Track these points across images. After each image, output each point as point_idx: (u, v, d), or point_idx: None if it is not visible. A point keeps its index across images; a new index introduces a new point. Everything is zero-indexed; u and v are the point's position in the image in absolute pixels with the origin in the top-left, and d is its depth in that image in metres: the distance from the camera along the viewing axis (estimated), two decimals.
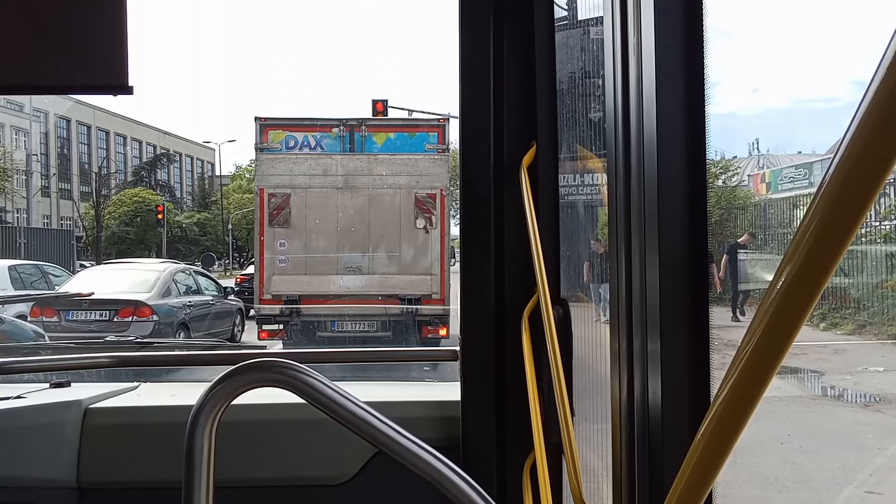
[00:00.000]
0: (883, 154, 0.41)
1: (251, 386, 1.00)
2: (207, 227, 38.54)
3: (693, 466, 0.55)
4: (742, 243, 7.42)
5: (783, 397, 5.39)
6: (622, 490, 1.21)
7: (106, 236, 34.19)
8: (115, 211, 35.00)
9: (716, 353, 1.09)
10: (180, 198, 44.90)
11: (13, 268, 12.80)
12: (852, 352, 6.06)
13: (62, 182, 38.47)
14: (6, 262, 13.17)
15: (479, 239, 1.89)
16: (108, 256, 29.39)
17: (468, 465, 1.83)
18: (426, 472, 0.97)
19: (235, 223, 37.51)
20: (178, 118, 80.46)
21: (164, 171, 44.16)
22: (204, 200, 43.59)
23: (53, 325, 9.70)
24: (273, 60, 69.11)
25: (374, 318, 10.16)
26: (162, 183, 43.07)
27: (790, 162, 9.05)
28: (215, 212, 39.80)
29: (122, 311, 10.05)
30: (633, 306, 1.17)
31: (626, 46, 1.18)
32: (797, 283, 0.46)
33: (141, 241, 34.20)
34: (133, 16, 1.45)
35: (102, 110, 38.94)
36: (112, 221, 34.63)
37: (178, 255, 30.16)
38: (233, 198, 40.73)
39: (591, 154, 1.86)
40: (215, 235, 37.53)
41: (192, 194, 46.20)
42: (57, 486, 1.96)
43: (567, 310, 1.74)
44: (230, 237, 36.17)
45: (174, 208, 39.52)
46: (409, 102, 49.57)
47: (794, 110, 14.92)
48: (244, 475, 1.94)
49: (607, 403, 1.30)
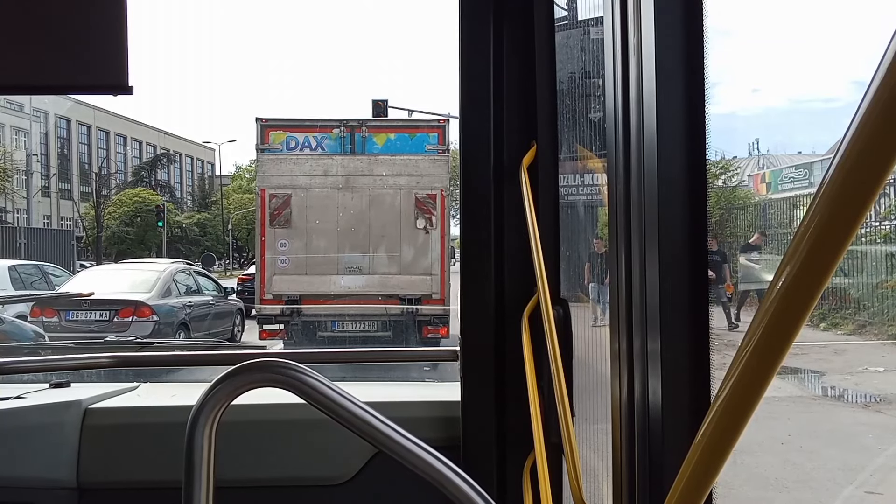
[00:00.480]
0: (883, 154, 0.41)
1: (251, 386, 1.00)
2: (208, 227, 38.32)
3: (693, 466, 0.55)
4: (753, 244, 7.39)
5: (783, 397, 5.40)
6: (622, 490, 1.21)
7: (106, 236, 34.04)
8: (116, 211, 34.82)
9: (716, 353, 1.09)
10: (180, 198, 44.68)
11: (13, 268, 12.82)
12: (852, 352, 6.06)
13: (62, 182, 38.27)
14: (6, 263, 13.12)
15: (479, 239, 1.89)
16: (108, 257, 29.28)
17: (468, 465, 1.83)
18: (426, 473, 0.97)
19: (236, 223, 37.28)
20: (178, 118, 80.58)
21: (164, 172, 43.95)
22: (204, 200, 43.37)
23: (53, 326, 9.65)
24: (273, 60, 69.14)
25: (375, 318, 10.12)
26: (162, 183, 42.88)
27: (790, 162, 9.05)
28: (215, 212, 39.64)
29: (122, 312, 10.04)
30: (633, 306, 1.17)
31: (626, 46, 1.18)
32: (797, 283, 0.46)
33: (141, 241, 33.97)
34: (133, 16, 1.45)
35: (102, 110, 38.86)
36: (112, 221, 34.47)
37: (178, 256, 30.06)
38: (233, 198, 40.49)
39: (591, 154, 1.86)
40: (215, 236, 37.37)
41: (192, 194, 46.00)
42: (57, 487, 1.96)
43: (567, 310, 1.74)
44: (230, 237, 36.04)
45: (174, 208, 39.32)
46: (410, 102, 49.53)
47: (794, 110, 14.92)
48: (244, 475, 1.94)
49: (607, 403, 1.30)
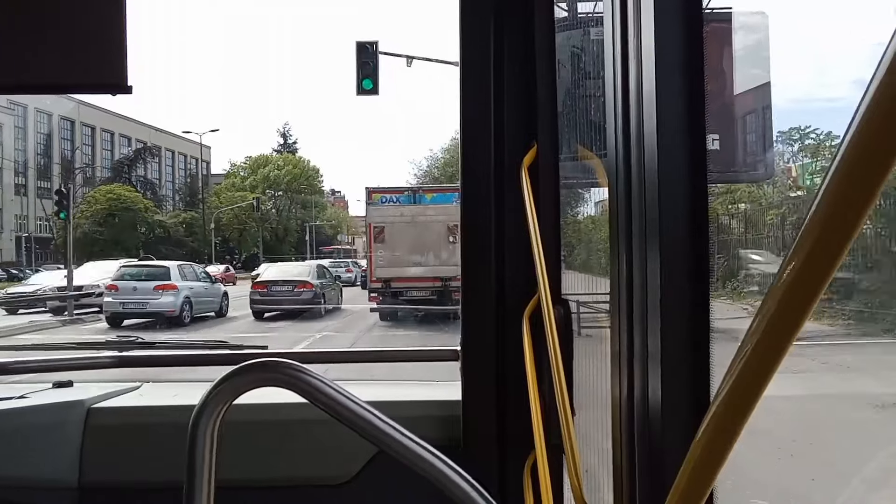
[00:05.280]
0: (883, 154, 0.41)
1: (253, 386, 1.00)
2: (195, 226, 36.60)
3: (694, 465, 0.56)
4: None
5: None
6: (623, 489, 1.21)
7: (76, 237, 30.96)
8: (88, 210, 32.64)
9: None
10: (164, 195, 42.44)
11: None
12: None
13: (41, 180, 36.26)
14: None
15: (479, 239, 1.89)
16: (79, 260, 26.88)
17: (469, 464, 1.82)
18: (427, 472, 0.97)
19: (227, 222, 36.02)
20: (156, 110, 76.35)
21: (145, 167, 41.48)
22: (192, 199, 41.50)
23: (263, 293, 18.52)
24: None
25: (427, 289, 18.24)
26: (143, 179, 40.66)
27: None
28: (211, 210, 38.14)
29: (298, 285, 18.79)
30: (633, 306, 1.17)
31: (626, 46, 1.18)
32: (799, 282, 0.46)
33: (116, 242, 31.67)
34: (132, 16, 1.46)
35: (88, 105, 36.99)
36: (83, 221, 32.07)
37: (159, 257, 28.46)
38: (224, 196, 38.91)
39: (592, 154, 1.86)
40: (203, 237, 35.75)
41: (178, 192, 43.99)
42: (59, 487, 1.96)
43: (568, 309, 1.74)
44: (213, 237, 34.32)
45: (154, 206, 37.01)
46: (409, 47, 48.44)
47: (794, 110, 14.87)
48: (246, 475, 1.94)
49: (607, 403, 1.30)
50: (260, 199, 40.74)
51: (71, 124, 38.66)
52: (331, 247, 47.07)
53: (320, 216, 48.89)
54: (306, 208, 46.93)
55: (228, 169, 45.95)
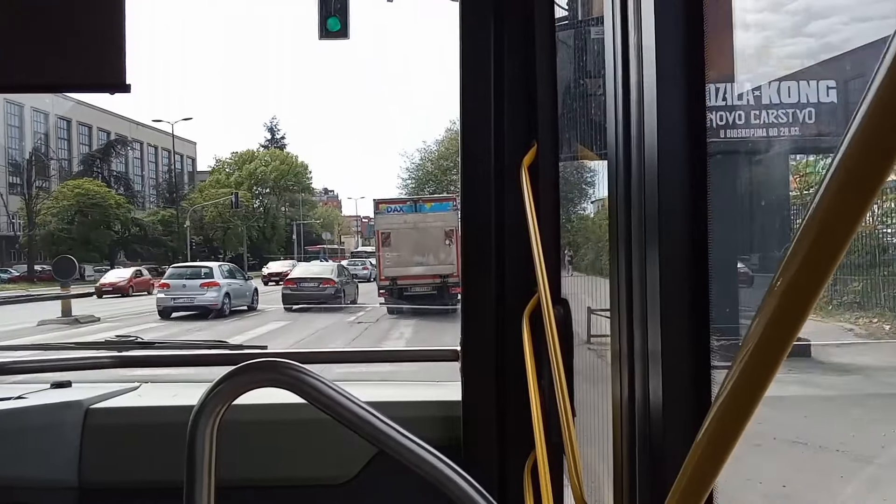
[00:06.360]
0: (883, 154, 0.41)
1: (252, 386, 1.00)
2: (174, 224, 34.47)
3: (694, 466, 0.55)
4: None
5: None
6: (623, 489, 1.21)
7: (42, 236, 29.20)
8: (54, 206, 30.22)
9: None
10: (144, 192, 39.86)
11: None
12: None
13: (13, 177, 33.92)
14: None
15: (479, 238, 1.89)
16: (44, 260, 24.81)
17: (469, 465, 1.82)
18: (427, 473, 0.97)
19: (210, 221, 34.67)
20: (140, 104, 73.14)
21: (125, 161, 38.74)
22: (171, 195, 38.90)
23: (293, 289, 22.11)
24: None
25: (427, 285, 21.09)
26: (116, 174, 37.92)
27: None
28: (186, 208, 35.69)
29: (323, 282, 22.39)
30: (633, 306, 1.17)
31: (626, 46, 1.18)
32: (798, 282, 0.46)
33: (85, 241, 29.36)
34: (131, 15, 1.46)
35: (64, 98, 34.08)
36: (49, 219, 29.75)
37: (135, 258, 26.94)
38: (208, 193, 36.71)
39: (593, 153, 1.86)
40: (182, 235, 33.53)
41: (158, 188, 41.44)
42: (58, 487, 1.96)
43: (568, 309, 1.74)
44: (188, 234, 31.75)
45: (127, 203, 34.37)
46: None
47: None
48: (245, 475, 1.94)
49: (608, 403, 1.30)
50: (239, 195, 38.46)
51: (45, 116, 36.85)
52: (317, 246, 46.17)
53: (310, 214, 47.45)
54: (295, 206, 45.64)
55: (214, 165, 44.22)
